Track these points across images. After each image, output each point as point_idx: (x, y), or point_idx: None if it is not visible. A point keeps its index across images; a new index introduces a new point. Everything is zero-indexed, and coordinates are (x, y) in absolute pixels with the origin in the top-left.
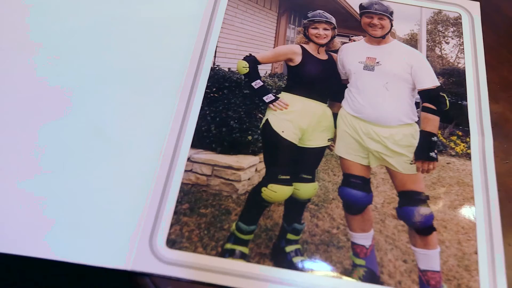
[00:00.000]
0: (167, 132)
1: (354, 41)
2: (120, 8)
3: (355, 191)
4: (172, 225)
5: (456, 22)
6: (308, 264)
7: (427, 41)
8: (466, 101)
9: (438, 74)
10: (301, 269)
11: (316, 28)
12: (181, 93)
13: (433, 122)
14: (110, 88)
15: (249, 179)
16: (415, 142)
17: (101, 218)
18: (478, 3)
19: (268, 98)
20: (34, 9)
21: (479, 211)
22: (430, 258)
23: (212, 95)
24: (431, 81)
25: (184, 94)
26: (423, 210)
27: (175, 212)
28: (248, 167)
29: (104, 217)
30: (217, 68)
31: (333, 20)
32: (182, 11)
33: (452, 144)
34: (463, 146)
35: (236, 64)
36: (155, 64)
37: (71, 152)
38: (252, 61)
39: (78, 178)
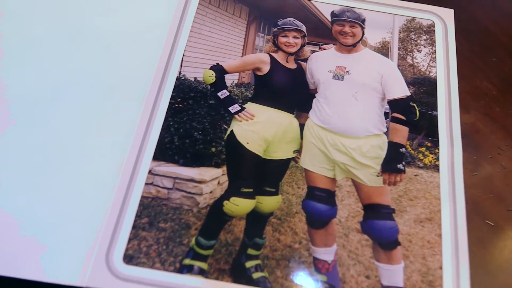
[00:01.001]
0: (129, 143)
1: (324, 49)
2: (85, 17)
3: (319, 204)
4: (130, 240)
5: (429, 30)
6: (268, 280)
7: (399, 50)
8: (437, 111)
9: (409, 84)
10: (261, 285)
11: (285, 36)
12: (145, 103)
13: (401, 133)
14: (72, 97)
15: (211, 192)
16: (383, 153)
17: (57, 232)
18: (452, 11)
19: (234, 108)
20: None
21: (445, 225)
22: (393, 274)
23: (176, 105)
24: (401, 90)
25: (148, 105)
26: (388, 224)
27: (134, 227)
28: (211, 179)
29: (60, 231)
30: (183, 78)
31: (304, 28)
32: (149, 19)
33: (420, 156)
34: (432, 157)
35: (203, 74)
36: (120, 74)
37: (28, 163)
38: (219, 70)
39: (35, 190)
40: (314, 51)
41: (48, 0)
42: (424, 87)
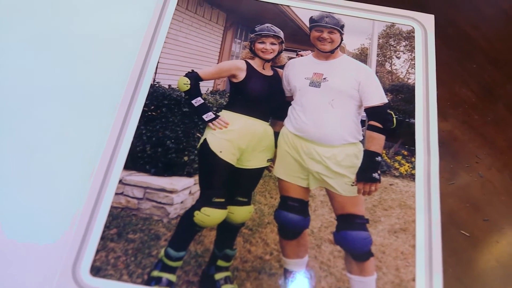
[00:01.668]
0: (100, 152)
1: (301, 56)
2: (59, 23)
3: (292, 214)
4: (98, 252)
5: (409, 36)
6: None
7: (377, 56)
8: (414, 118)
9: (387, 91)
10: None
11: (263, 42)
12: (117, 111)
13: (378, 141)
14: (44, 105)
15: (182, 202)
16: (358, 162)
17: (24, 242)
18: (432, 16)
19: (208, 116)
20: None
21: (419, 235)
22: (365, 286)
23: (149, 113)
24: (379, 98)
25: (120, 113)
26: (361, 235)
27: (102, 238)
28: (182, 189)
29: (27, 241)
30: (157, 85)
31: (281, 34)
32: (125, 25)
33: (396, 164)
34: (408, 166)
35: (177, 81)
36: (93, 81)
37: None
38: (194, 77)
39: (2, 199)
40: (291, 58)
41: (22, 6)
42: (402, 94)
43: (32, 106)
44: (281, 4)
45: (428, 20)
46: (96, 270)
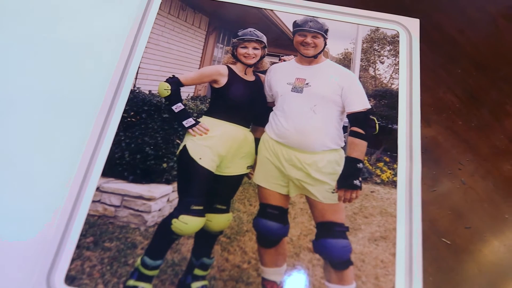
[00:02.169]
0: (78, 159)
1: (284, 61)
2: (38, 27)
3: (271, 222)
4: (73, 260)
5: (394, 41)
6: None
7: (361, 61)
8: (397, 124)
9: (370, 96)
10: None
11: (245, 47)
12: (96, 118)
13: (360, 148)
14: (22, 110)
15: (160, 210)
16: (339, 169)
17: None
18: (417, 21)
19: (188, 122)
20: None
21: (400, 243)
22: None
23: (129, 119)
24: (362, 103)
25: (99, 119)
26: (341, 243)
27: (78, 246)
28: (160, 197)
29: (2, 249)
30: (137, 91)
31: (264, 39)
32: (106, 29)
33: (378, 171)
34: (390, 173)
35: (158, 87)
36: (73, 87)
37: None
38: (174, 83)
39: None
40: (273, 63)
41: (1, 10)
42: (385, 100)
43: (11, 111)
44: (265, 9)
45: (413, 25)
46: (71, 280)
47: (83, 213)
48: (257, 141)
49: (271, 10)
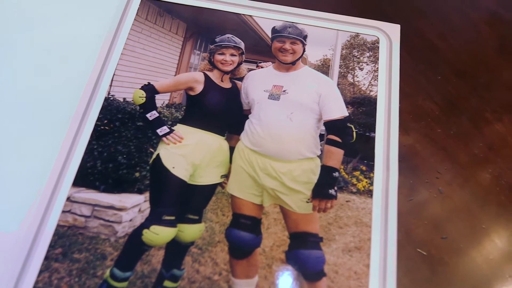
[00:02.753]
0: (49, 168)
1: (262, 67)
2: (13, 32)
3: (244, 232)
4: (41, 272)
5: (373, 47)
6: None
7: (340, 67)
8: (375, 132)
9: (348, 103)
10: None
11: (222, 54)
12: (69, 126)
13: (336, 156)
14: None
15: (131, 220)
16: (315, 178)
17: None
18: (398, 26)
19: (162, 131)
20: None
21: (374, 254)
22: None
23: (102, 127)
24: (339, 111)
25: (72, 127)
26: (314, 254)
27: (46, 258)
28: (132, 207)
29: None
30: (111, 99)
31: (242, 45)
32: (82, 35)
33: (354, 180)
34: (366, 182)
35: (133, 94)
36: (46, 95)
37: None
38: (150, 90)
39: None
40: (251, 70)
41: None
42: (363, 107)
43: None
44: (244, 14)
45: (393, 30)
46: None
47: (53, 223)
48: (232, 149)
49: (250, 16)
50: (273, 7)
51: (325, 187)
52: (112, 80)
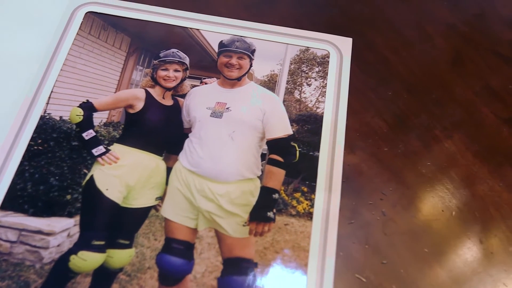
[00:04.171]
0: None
1: (206, 84)
2: None
3: (175, 258)
4: None
5: (323, 61)
6: None
7: (287, 83)
8: (319, 151)
9: (293, 121)
10: None
11: (166, 69)
12: (1, 145)
13: (277, 177)
14: None
15: (58, 245)
16: (253, 200)
17: None
18: (350, 40)
19: (98, 151)
20: None
21: (311, 280)
22: None
23: (35, 147)
24: (283, 129)
25: (4, 148)
26: (248, 280)
27: None
28: (60, 231)
29: None
30: (47, 117)
31: (187, 61)
32: (22, 51)
33: (294, 202)
34: (307, 204)
35: (70, 112)
36: None
37: None
38: (88, 108)
39: None
40: (194, 86)
41: None
42: (308, 125)
43: None
44: (191, 28)
45: (345, 44)
46: None
47: None
48: (169, 170)
49: (197, 29)
50: (221, 20)
51: (264, 209)
52: (49, 97)
